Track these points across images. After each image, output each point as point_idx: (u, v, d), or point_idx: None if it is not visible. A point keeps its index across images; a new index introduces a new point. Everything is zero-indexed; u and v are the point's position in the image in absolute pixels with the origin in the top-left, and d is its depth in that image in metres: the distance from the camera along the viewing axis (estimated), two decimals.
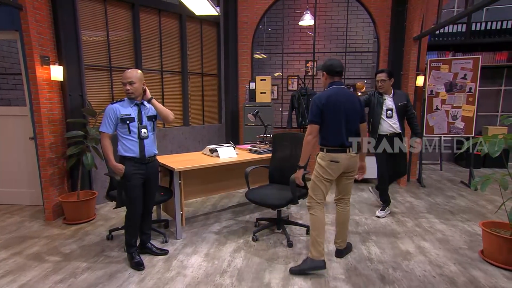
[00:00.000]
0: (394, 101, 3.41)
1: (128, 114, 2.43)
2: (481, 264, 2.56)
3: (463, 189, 4.71)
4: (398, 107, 3.40)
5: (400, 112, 3.42)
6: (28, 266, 2.52)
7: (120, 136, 2.45)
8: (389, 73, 3.38)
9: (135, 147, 2.44)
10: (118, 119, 2.41)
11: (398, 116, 3.41)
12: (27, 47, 3.19)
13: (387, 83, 3.37)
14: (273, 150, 3.40)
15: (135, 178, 2.45)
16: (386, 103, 3.43)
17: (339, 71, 2.42)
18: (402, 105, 3.41)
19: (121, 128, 2.43)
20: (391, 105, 3.42)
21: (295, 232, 3.16)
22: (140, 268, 2.46)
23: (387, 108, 3.42)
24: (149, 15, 4.36)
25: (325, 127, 2.37)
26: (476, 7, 3.25)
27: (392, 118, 3.41)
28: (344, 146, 2.38)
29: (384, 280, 2.33)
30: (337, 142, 2.37)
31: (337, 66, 2.40)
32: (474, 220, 3.46)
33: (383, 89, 3.40)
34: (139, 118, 2.46)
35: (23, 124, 3.70)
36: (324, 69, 2.44)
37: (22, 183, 3.87)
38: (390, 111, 3.42)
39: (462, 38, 5.72)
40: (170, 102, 4.74)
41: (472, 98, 4.65)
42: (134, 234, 2.56)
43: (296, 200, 2.81)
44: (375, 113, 3.46)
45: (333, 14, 6.66)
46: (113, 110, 2.40)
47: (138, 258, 2.52)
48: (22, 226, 3.30)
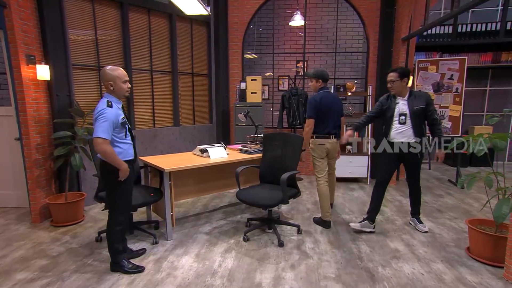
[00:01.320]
0: (409, 105, 2.97)
1: (124, 117, 2.30)
2: (467, 260, 2.61)
3: (451, 188, 4.80)
4: (413, 111, 2.94)
5: (417, 118, 2.95)
6: (13, 270, 2.46)
7: (116, 140, 2.26)
8: (401, 73, 2.94)
9: (131, 149, 2.38)
10: (119, 124, 2.25)
11: (413, 122, 2.95)
12: (11, 45, 3.11)
13: (397, 84, 2.96)
14: (263, 150, 3.41)
15: (130, 180, 2.39)
16: (399, 107, 3.00)
17: (327, 79, 3.39)
18: (418, 109, 2.93)
19: (119, 133, 2.27)
20: (404, 110, 2.98)
21: (286, 232, 3.17)
22: (141, 269, 2.43)
23: (400, 112, 3.00)
24: (138, 14, 4.31)
25: (317, 121, 3.29)
26: (462, 9, 3.32)
27: (405, 124, 2.98)
28: (329, 134, 3.33)
29: (374, 278, 2.35)
30: (324, 131, 3.32)
31: (327, 75, 3.38)
32: (461, 218, 3.53)
33: (394, 90, 3.01)
34: (128, 120, 2.40)
35: (8, 124, 3.62)
36: (319, 76, 3.34)
37: (8, 185, 3.78)
38: (404, 117, 2.98)
39: (449, 39, 5.84)
40: (160, 102, 4.70)
41: (459, 98, 4.75)
42: (123, 238, 2.50)
43: (286, 200, 2.84)
44: (386, 118, 3.09)
45: (323, 15, 6.70)
46: (116, 116, 2.21)
47: (131, 263, 2.47)
48: (7, 229, 3.22)
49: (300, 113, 5.07)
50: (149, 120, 4.59)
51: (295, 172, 3.02)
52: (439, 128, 3.06)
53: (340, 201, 4.10)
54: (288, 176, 2.87)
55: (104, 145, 2.16)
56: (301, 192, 3.14)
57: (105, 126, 2.14)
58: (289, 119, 5.13)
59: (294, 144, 3.16)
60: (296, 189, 3.07)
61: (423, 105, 2.95)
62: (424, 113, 2.98)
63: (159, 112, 4.69)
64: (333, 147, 3.38)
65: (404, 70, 2.99)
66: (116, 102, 2.29)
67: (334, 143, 3.36)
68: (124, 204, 2.42)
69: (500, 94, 6.42)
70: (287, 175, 2.85)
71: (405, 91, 3.02)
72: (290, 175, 2.90)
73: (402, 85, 2.97)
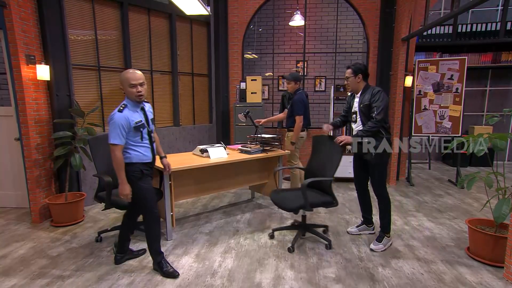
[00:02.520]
0: (358, 102, 2.81)
1: (140, 121, 2.26)
2: (467, 260, 2.61)
3: (451, 188, 4.80)
4: (359, 108, 2.78)
5: (364, 115, 2.76)
6: (13, 270, 2.46)
7: (131, 144, 2.25)
8: (355, 69, 2.78)
9: (148, 152, 2.34)
10: (132, 128, 2.21)
11: (362, 120, 2.78)
12: (11, 45, 3.11)
13: (351, 80, 2.81)
14: (312, 152, 3.21)
15: (148, 179, 2.37)
16: (354, 105, 2.87)
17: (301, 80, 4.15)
18: (363, 106, 2.74)
19: (133, 137, 2.24)
20: (356, 107, 2.85)
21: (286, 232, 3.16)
22: (176, 274, 2.37)
23: (353, 110, 2.88)
24: (138, 14, 4.31)
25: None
26: (462, 9, 3.32)
27: (356, 123, 2.84)
28: (306, 128, 4.00)
29: (374, 278, 2.35)
30: (304, 125, 3.89)
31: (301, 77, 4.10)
32: (461, 218, 3.53)
33: (349, 87, 2.88)
34: (147, 122, 2.33)
35: (8, 124, 3.62)
36: (297, 79, 3.90)
37: (8, 185, 3.78)
38: (354, 115, 2.87)
39: (449, 39, 5.84)
40: (160, 102, 4.69)
41: (459, 98, 4.75)
42: (128, 238, 2.53)
43: (307, 206, 2.65)
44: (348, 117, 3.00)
45: (323, 15, 6.71)
46: (126, 120, 2.17)
47: (170, 266, 2.43)
48: (7, 229, 3.22)
49: None
50: None
51: (322, 179, 2.82)
52: (369, 125, 2.66)
53: (340, 201, 4.10)
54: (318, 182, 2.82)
55: (114, 151, 2.17)
56: (337, 202, 2.81)
57: (113, 131, 2.15)
58: None
59: (335, 150, 2.86)
60: (330, 197, 2.79)
61: (367, 102, 2.71)
62: (368, 109, 2.72)
63: (159, 112, 4.69)
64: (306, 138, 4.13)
65: (358, 66, 2.79)
66: (133, 106, 2.26)
67: (305, 135, 4.07)
68: (151, 205, 2.37)
69: (500, 94, 6.43)
70: (309, 180, 2.71)
71: (359, 88, 2.82)
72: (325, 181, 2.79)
73: (356, 81, 2.79)
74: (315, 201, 2.74)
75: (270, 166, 3.82)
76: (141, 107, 2.31)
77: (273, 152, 3.60)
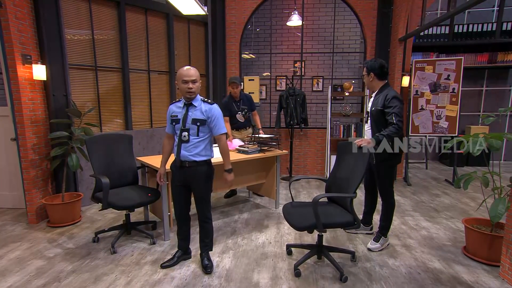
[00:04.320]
0: (372, 103, 2.72)
1: (175, 115, 2.36)
2: (464, 259, 2.63)
3: (448, 187, 4.82)
4: (370, 111, 2.70)
5: (373, 120, 2.66)
6: (9, 271, 2.44)
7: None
8: (368, 68, 2.67)
9: (174, 149, 2.40)
10: (169, 120, 2.42)
11: (371, 123, 2.70)
12: (7, 45, 3.09)
13: (366, 80, 2.74)
14: (336, 161, 2.72)
15: (175, 179, 2.45)
16: (369, 105, 2.79)
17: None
18: (375, 110, 2.61)
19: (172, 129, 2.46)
20: (369, 107, 2.76)
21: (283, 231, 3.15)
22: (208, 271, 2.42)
23: (367, 110, 2.80)
24: (135, 14, 4.30)
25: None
26: (458, 10, 3.34)
27: (368, 124, 2.77)
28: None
29: (371, 278, 2.36)
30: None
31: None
32: (458, 217, 3.55)
33: (366, 86, 2.82)
34: (183, 120, 2.33)
35: (4, 124, 3.59)
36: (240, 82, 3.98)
37: (4, 186, 3.75)
38: (367, 115, 2.79)
39: (445, 39, 5.86)
40: (157, 102, 4.68)
41: (455, 98, 4.78)
42: (179, 233, 2.57)
43: (320, 227, 2.23)
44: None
45: (320, 15, 6.72)
46: (169, 111, 2.44)
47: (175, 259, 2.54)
48: (3, 230, 3.20)
49: (298, 113, 5.07)
50: (146, 120, 4.58)
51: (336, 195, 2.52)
52: (390, 130, 2.46)
53: None
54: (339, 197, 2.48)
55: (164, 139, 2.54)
56: (359, 223, 2.42)
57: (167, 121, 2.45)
58: (286, 119, 5.13)
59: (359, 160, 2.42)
60: (351, 216, 2.32)
61: (380, 107, 2.56)
62: (382, 116, 2.57)
63: (156, 112, 4.68)
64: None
65: (371, 64, 2.66)
66: (181, 101, 2.41)
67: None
68: (173, 200, 2.53)
69: (496, 94, 6.46)
70: (319, 196, 2.23)
71: (375, 87, 2.71)
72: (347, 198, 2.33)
73: (369, 80, 2.70)
74: (330, 222, 2.28)
75: (267, 166, 3.83)
76: (189, 104, 2.35)
77: (271, 152, 3.60)
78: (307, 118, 5.26)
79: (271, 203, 3.99)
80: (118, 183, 2.94)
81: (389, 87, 2.67)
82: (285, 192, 4.42)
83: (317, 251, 2.57)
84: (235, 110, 4.01)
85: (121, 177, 3.00)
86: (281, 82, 6.94)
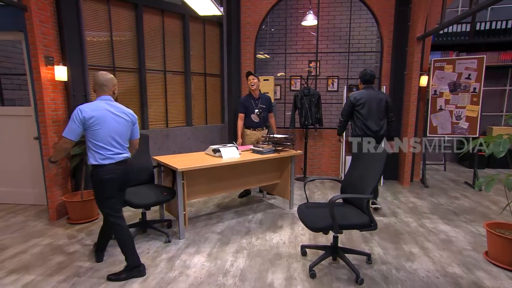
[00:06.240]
0: None
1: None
2: (485, 265, 2.54)
3: (467, 190, 4.68)
4: None
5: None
6: (32, 265, 2.53)
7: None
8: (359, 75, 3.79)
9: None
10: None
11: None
12: (31, 47, 3.21)
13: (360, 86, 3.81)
14: (352, 160, 2.75)
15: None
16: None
17: None
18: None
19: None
20: None
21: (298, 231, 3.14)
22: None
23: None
24: (152, 15, 4.37)
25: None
26: (481, 7, 3.23)
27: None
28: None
29: (388, 281, 2.32)
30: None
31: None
32: (478, 221, 3.44)
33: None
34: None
35: (28, 124, 3.73)
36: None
37: (26, 183, 3.89)
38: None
39: (466, 37, 5.69)
40: (173, 102, 4.75)
41: (477, 98, 4.63)
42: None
43: (336, 228, 2.22)
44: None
45: (336, 14, 6.65)
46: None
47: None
48: (26, 226, 3.32)
49: (313, 113, 5.04)
50: (161, 120, 4.65)
51: (351, 196, 2.49)
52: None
53: None
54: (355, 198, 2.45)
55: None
56: (376, 224, 2.33)
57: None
58: (301, 119, 5.10)
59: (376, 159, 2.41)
60: (368, 217, 2.30)
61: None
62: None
63: (172, 112, 4.74)
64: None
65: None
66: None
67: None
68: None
69: None
70: (336, 197, 2.25)
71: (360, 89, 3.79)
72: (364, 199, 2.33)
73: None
74: (347, 223, 2.26)
75: (282, 166, 3.81)
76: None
77: (285, 152, 3.58)
78: (322, 118, 5.21)
79: (285, 203, 3.97)
80: (134, 182, 3.00)
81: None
82: (299, 193, 4.40)
83: (332, 252, 2.55)
84: (252, 108, 4.02)
85: (137, 176, 3.05)
86: (296, 82, 6.91)
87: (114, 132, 2.29)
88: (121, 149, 2.35)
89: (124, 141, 2.38)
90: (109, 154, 2.28)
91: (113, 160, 2.29)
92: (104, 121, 2.24)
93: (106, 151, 2.27)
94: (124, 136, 2.37)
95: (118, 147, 2.32)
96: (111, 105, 2.32)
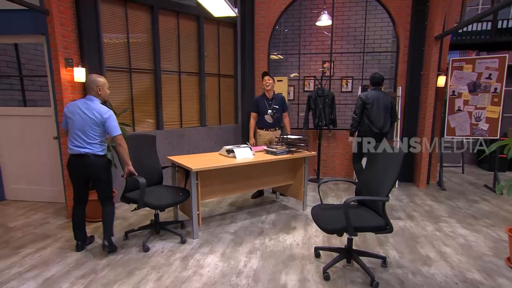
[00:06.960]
0: None
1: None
2: (507, 272, 2.46)
3: (487, 193, 4.54)
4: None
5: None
6: (51, 261, 2.61)
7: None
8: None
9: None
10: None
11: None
12: (52, 49, 3.31)
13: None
14: (367, 162, 2.72)
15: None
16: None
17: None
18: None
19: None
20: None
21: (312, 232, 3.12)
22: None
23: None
24: (167, 17, 4.44)
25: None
26: (503, 4, 3.13)
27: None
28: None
29: (404, 285, 2.27)
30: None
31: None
32: (499, 226, 3.33)
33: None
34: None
35: (48, 124, 3.84)
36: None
37: (46, 181, 4.01)
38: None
39: (487, 36, 5.52)
40: (187, 103, 4.80)
41: (498, 98, 4.48)
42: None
43: (351, 230, 2.18)
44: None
45: (350, 14, 6.58)
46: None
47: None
48: (46, 222, 3.42)
49: (326, 114, 4.99)
50: (176, 120, 4.71)
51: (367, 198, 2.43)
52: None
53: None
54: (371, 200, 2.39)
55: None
56: (392, 227, 2.27)
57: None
58: (315, 120, 5.07)
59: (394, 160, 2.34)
60: (383, 220, 2.25)
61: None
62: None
63: (186, 112, 4.80)
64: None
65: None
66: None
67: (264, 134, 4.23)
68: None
69: None
70: (351, 199, 2.20)
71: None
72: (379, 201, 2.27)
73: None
74: (362, 225, 2.22)
75: (295, 167, 3.80)
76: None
77: (299, 153, 3.57)
78: (336, 119, 5.16)
79: (298, 204, 3.95)
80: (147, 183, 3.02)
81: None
82: (312, 194, 4.36)
83: (347, 255, 2.51)
84: (266, 108, 4.02)
85: (148, 177, 3.06)
86: (310, 82, 6.87)
87: (78, 127, 2.57)
88: (82, 144, 2.59)
89: (88, 137, 2.59)
90: (71, 145, 2.61)
91: (71, 151, 2.61)
92: (72, 117, 2.57)
93: (70, 142, 2.61)
94: (88, 132, 2.58)
95: (79, 141, 2.59)
96: (84, 103, 2.60)
